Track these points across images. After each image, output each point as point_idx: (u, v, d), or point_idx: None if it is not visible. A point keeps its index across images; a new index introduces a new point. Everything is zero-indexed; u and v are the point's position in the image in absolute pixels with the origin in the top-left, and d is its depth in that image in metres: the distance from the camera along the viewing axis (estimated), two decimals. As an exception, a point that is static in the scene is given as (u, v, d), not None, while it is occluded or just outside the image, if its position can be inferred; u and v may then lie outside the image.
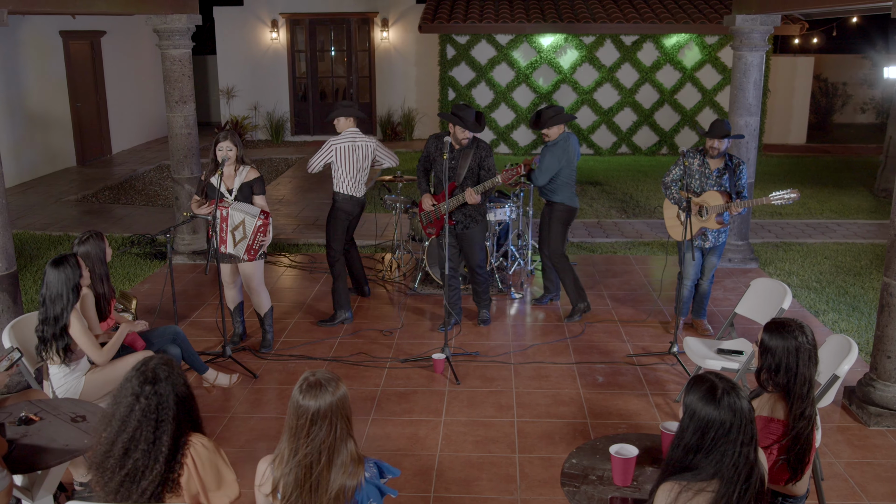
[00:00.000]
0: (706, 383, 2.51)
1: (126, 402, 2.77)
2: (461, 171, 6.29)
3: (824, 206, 11.36)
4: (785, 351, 3.00)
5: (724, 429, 2.44)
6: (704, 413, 2.46)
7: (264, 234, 5.90)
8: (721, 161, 6.20)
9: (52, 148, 13.76)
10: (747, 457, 2.45)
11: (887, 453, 4.88)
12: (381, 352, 6.35)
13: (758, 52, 7.93)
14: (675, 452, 2.51)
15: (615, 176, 13.48)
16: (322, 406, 2.60)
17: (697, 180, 6.22)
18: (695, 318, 6.68)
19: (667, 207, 6.49)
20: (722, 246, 6.39)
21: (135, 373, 2.82)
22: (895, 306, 5.12)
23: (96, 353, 4.50)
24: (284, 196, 12.09)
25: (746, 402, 2.48)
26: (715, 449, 2.45)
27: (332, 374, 2.71)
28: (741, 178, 6.20)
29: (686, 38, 15.14)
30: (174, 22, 8.07)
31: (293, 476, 2.61)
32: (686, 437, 2.48)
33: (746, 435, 2.46)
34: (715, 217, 6.14)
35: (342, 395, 2.66)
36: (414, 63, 17.25)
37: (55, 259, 4.35)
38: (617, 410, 5.40)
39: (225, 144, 5.90)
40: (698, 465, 2.46)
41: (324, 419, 2.61)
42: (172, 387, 2.81)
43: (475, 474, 4.62)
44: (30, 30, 12.97)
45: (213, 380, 5.62)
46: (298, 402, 2.61)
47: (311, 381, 2.63)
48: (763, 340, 3.08)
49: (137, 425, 2.73)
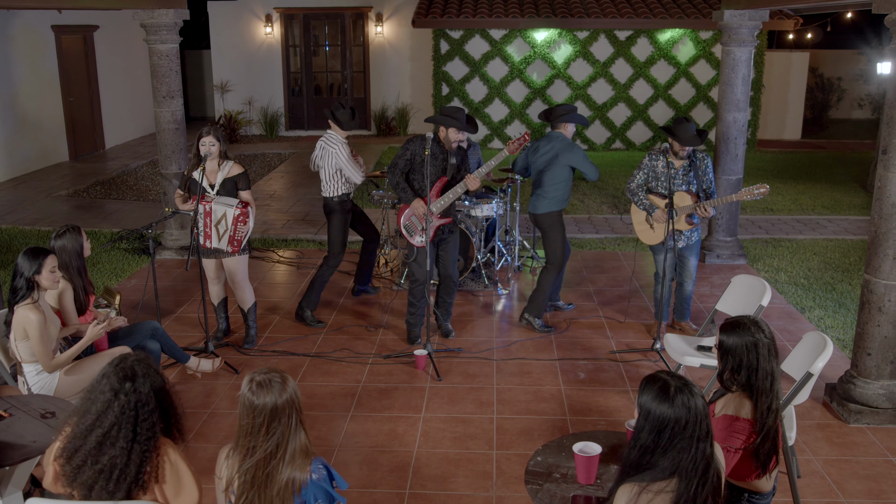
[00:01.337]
0: (658, 382, 2.50)
1: (103, 398, 2.74)
2: (450, 169, 6.10)
3: (816, 202, 11.34)
4: (743, 348, 2.99)
5: (680, 426, 2.43)
6: (659, 412, 2.45)
7: (244, 223, 5.85)
8: (685, 159, 6.15)
9: (44, 143, 13.74)
10: (703, 452, 2.45)
11: (866, 450, 4.87)
12: (365, 348, 6.34)
13: (746, 47, 7.90)
14: (631, 453, 2.51)
15: (608, 171, 13.45)
16: (279, 402, 2.60)
17: (664, 181, 6.16)
18: (678, 321, 6.66)
19: (634, 212, 6.40)
20: (696, 245, 6.35)
21: (112, 369, 2.79)
22: (875, 303, 5.11)
23: (45, 360, 4.43)
24: (276, 191, 12.08)
25: (699, 399, 2.48)
26: (672, 447, 2.44)
27: (276, 370, 2.71)
28: (708, 174, 6.16)
29: (680, 33, 15.11)
30: (161, 17, 8.04)
31: (250, 475, 2.61)
32: (642, 437, 2.48)
33: (702, 431, 2.45)
34: (685, 218, 6.12)
35: (293, 388, 2.66)
36: (408, 58, 17.22)
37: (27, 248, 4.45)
38: (597, 407, 5.39)
39: (207, 139, 5.89)
40: (655, 464, 2.45)
41: (282, 414, 2.61)
42: (151, 384, 2.80)
43: (451, 471, 4.61)
44: (21, 24, 12.94)
45: (195, 367, 5.65)
46: (253, 401, 2.60)
47: (259, 381, 2.63)
48: (721, 341, 3.07)
49: (115, 421, 2.71)
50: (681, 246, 6.28)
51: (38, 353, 4.39)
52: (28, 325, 4.36)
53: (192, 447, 4.87)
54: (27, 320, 4.35)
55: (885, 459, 4.77)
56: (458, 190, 5.99)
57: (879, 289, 5.07)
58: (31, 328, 4.35)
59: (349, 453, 4.81)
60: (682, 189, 6.10)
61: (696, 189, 6.13)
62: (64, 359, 4.53)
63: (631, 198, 6.30)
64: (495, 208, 7.57)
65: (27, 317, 4.35)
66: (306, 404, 5.41)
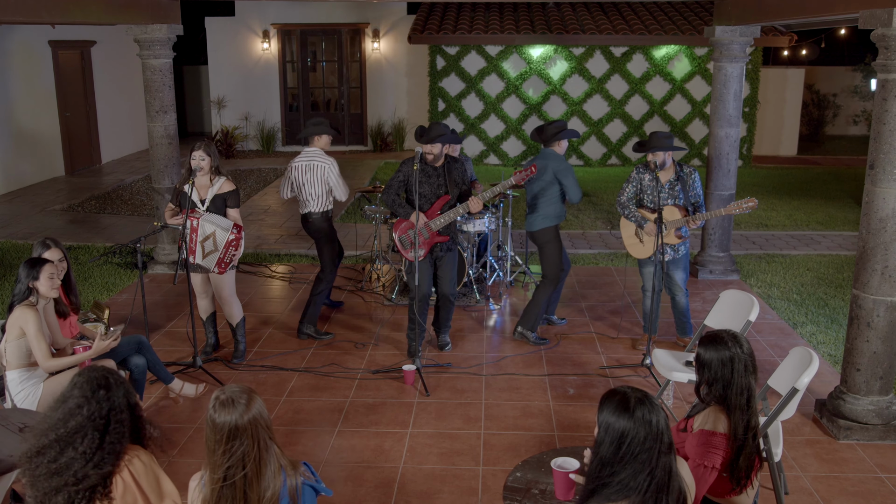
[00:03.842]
0: (617, 395, 2.49)
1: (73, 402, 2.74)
2: (451, 187, 6.10)
3: (811, 218, 11.33)
4: (720, 363, 2.98)
5: (639, 439, 2.41)
6: (618, 425, 2.43)
7: (236, 248, 5.86)
8: (671, 173, 6.15)
9: (40, 157, 13.75)
10: (666, 466, 2.43)
11: (855, 467, 4.83)
12: (354, 363, 6.31)
13: (738, 63, 7.92)
14: (592, 467, 2.48)
15: (604, 187, 13.46)
16: (239, 421, 2.57)
17: (650, 195, 6.17)
18: (681, 337, 6.64)
19: (624, 226, 6.38)
20: (684, 258, 6.33)
21: (82, 379, 2.78)
22: (864, 319, 5.08)
23: (43, 357, 4.48)
24: (270, 206, 12.08)
25: (660, 412, 2.46)
26: (632, 460, 2.41)
27: (243, 387, 2.68)
28: (695, 188, 6.17)
29: (675, 49, 15.17)
30: (154, 32, 8.07)
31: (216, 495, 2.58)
32: (602, 450, 2.45)
33: (663, 444, 2.43)
34: (674, 231, 6.12)
35: (257, 406, 2.63)
36: (405, 74, 17.27)
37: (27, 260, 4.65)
38: (586, 422, 5.36)
39: (198, 154, 5.90)
40: (616, 477, 2.42)
41: (244, 433, 2.58)
42: (125, 394, 2.80)
43: (437, 487, 4.58)
44: (18, 39, 12.99)
45: (178, 390, 5.58)
46: (214, 420, 2.58)
47: (223, 399, 2.60)
48: (699, 355, 3.06)
49: (78, 428, 2.70)
50: (667, 259, 6.26)
51: (36, 349, 4.45)
52: (25, 323, 4.45)
53: (177, 462, 4.84)
54: (24, 318, 4.46)
55: (874, 476, 4.73)
56: (460, 210, 5.99)
57: (868, 304, 5.05)
58: (29, 324, 4.43)
59: (335, 469, 4.77)
60: (670, 203, 6.10)
61: (684, 203, 6.14)
62: (63, 362, 4.57)
63: (621, 211, 6.29)
64: (487, 223, 7.56)
65: (23, 314, 4.47)
66: (293, 419, 5.38)
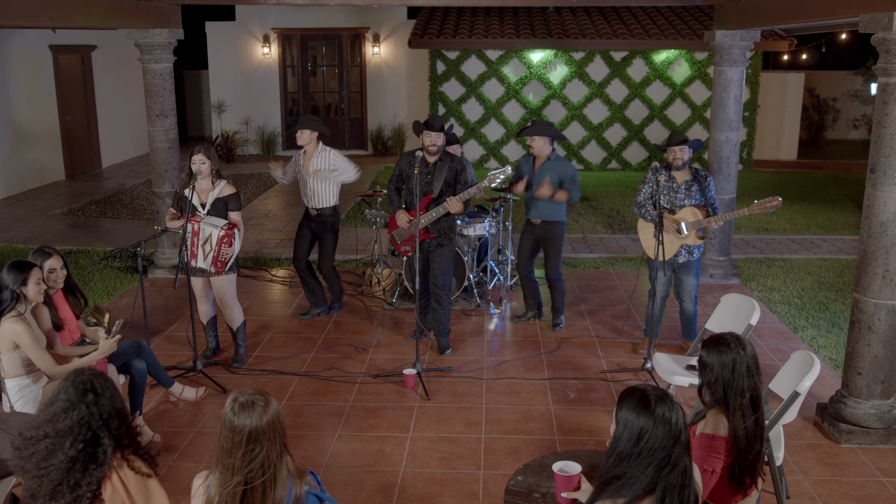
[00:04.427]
0: (637, 393, 2.49)
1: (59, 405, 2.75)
2: (437, 185, 6.25)
3: (811, 222, 11.33)
4: (721, 365, 2.98)
5: (658, 436, 2.41)
6: (638, 422, 2.43)
7: (228, 244, 5.83)
8: (687, 174, 6.14)
9: (40, 162, 13.75)
10: (682, 467, 2.42)
11: (857, 471, 4.82)
12: (354, 367, 6.30)
13: (738, 67, 7.93)
14: (608, 462, 2.48)
15: (603, 191, 13.46)
16: (258, 423, 2.56)
17: (666, 195, 6.16)
18: (686, 341, 6.63)
19: (642, 228, 6.36)
20: (697, 263, 6.28)
21: (69, 384, 2.79)
22: (865, 322, 5.08)
23: (48, 365, 4.42)
24: (271, 210, 12.08)
25: (679, 411, 2.46)
26: (649, 457, 2.41)
27: (260, 390, 2.67)
28: (710, 191, 6.16)
29: (675, 54, 15.18)
30: (155, 36, 8.07)
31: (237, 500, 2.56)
32: (620, 445, 2.45)
33: (681, 443, 2.42)
34: (696, 233, 6.09)
35: (276, 410, 2.62)
36: (405, 78, 17.28)
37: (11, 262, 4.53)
38: (586, 427, 5.35)
39: (198, 157, 5.90)
40: (631, 472, 2.42)
41: (263, 437, 2.57)
42: (111, 400, 2.80)
43: (437, 491, 4.57)
44: (19, 44, 13.00)
45: (179, 394, 5.56)
46: (233, 421, 2.57)
47: (242, 401, 2.59)
48: (701, 357, 3.06)
49: (67, 431, 2.71)
50: (682, 262, 6.24)
51: (38, 361, 4.39)
52: (17, 336, 4.36)
53: (178, 466, 4.83)
54: (13, 332, 4.36)
55: (875, 480, 4.72)
56: (440, 210, 6.19)
57: (869, 307, 5.05)
58: (22, 338, 4.35)
59: (335, 473, 4.77)
60: (688, 204, 6.09)
61: (703, 203, 6.11)
62: (72, 368, 4.50)
63: (637, 211, 6.26)
64: (488, 227, 7.56)
65: (13, 328, 4.36)
66: (294, 423, 5.37)
